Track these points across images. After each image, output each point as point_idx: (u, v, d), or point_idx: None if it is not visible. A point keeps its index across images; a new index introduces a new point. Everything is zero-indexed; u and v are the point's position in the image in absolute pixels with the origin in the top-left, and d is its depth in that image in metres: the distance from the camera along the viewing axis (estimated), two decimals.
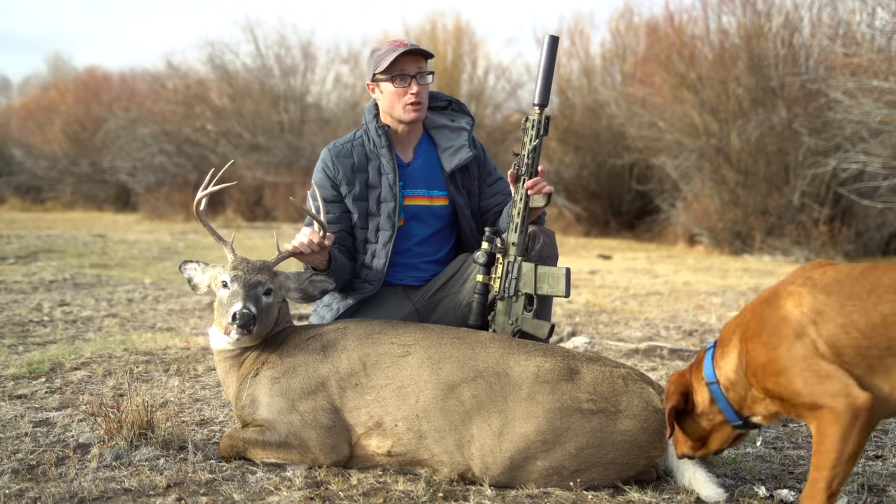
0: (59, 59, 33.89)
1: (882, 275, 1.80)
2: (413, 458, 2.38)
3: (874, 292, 1.78)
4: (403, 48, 2.79)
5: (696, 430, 2.14)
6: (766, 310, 1.91)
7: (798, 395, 1.81)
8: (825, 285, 1.85)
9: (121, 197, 20.19)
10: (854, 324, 1.77)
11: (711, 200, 11.82)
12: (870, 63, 9.31)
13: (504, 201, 2.97)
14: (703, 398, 2.09)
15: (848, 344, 1.77)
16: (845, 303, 1.80)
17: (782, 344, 1.83)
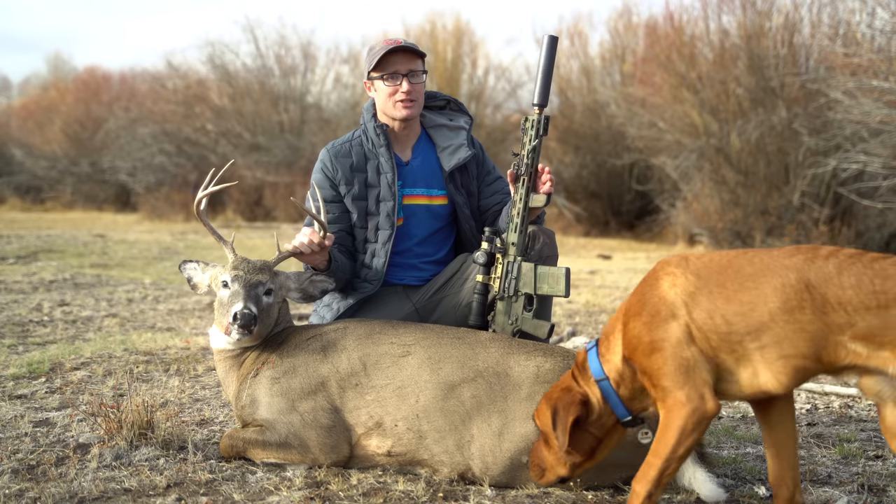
0: (59, 59, 33.89)
1: (746, 264, 1.85)
2: (413, 458, 2.38)
3: (737, 279, 1.83)
4: (392, 45, 2.81)
5: (585, 442, 2.03)
6: (646, 289, 1.94)
7: (662, 377, 1.85)
8: (698, 269, 1.89)
9: (121, 197, 20.19)
10: (718, 309, 1.81)
11: (711, 200, 11.82)
12: (870, 63, 9.31)
13: (503, 201, 2.97)
14: (596, 399, 2.00)
15: (713, 329, 1.82)
16: (713, 288, 1.84)
17: (659, 324, 1.86)
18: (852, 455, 2.66)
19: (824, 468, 2.53)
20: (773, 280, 1.78)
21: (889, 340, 1.70)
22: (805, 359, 1.76)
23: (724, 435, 2.88)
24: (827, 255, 1.79)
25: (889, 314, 1.70)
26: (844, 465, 2.58)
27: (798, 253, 1.82)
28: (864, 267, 1.75)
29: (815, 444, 2.79)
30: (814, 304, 1.74)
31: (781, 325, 1.76)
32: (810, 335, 1.74)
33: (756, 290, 1.79)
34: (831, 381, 3.79)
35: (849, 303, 1.73)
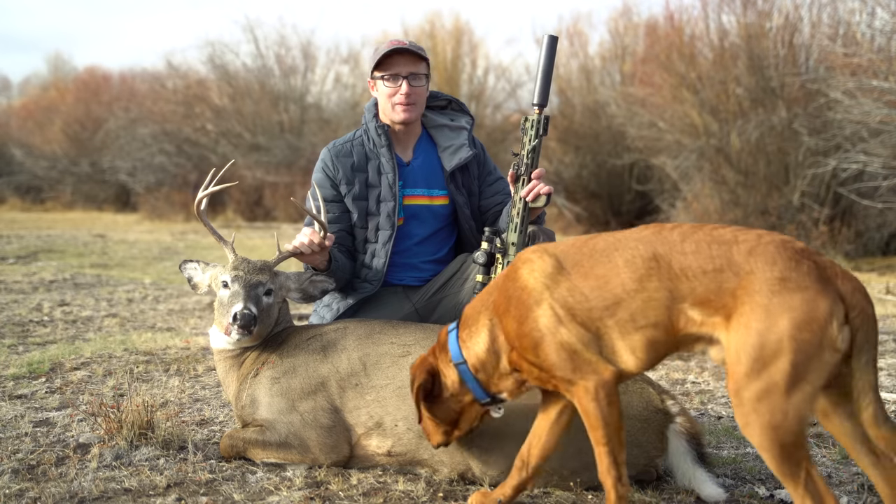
0: (59, 59, 33.89)
1: (600, 241, 1.92)
2: (413, 458, 2.38)
3: (592, 256, 1.90)
4: (396, 46, 2.80)
5: (447, 414, 2.14)
6: (508, 284, 1.98)
7: (553, 370, 1.90)
8: (555, 252, 1.95)
9: (121, 197, 20.19)
10: (576, 286, 1.88)
11: (711, 200, 11.81)
12: (870, 63, 9.31)
13: (504, 201, 2.97)
14: (453, 380, 2.09)
15: (574, 306, 1.87)
16: (570, 267, 1.90)
17: (528, 314, 1.91)
18: None
19: (824, 468, 2.53)
20: (625, 253, 1.86)
21: (722, 305, 1.76)
22: (657, 329, 1.82)
23: (724, 435, 2.88)
24: (672, 227, 1.88)
25: (722, 277, 1.76)
26: (844, 465, 2.58)
27: (647, 229, 1.90)
28: (705, 234, 1.82)
29: (815, 444, 2.79)
30: (660, 272, 1.81)
31: (633, 296, 1.82)
32: (659, 303, 1.81)
33: (609, 263, 1.87)
34: None
35: (689, 268, 1.79)
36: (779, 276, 1.71)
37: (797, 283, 1.70)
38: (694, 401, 3.40)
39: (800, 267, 1.72)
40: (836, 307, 1.69)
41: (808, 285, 1.70)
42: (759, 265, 1.73)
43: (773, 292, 1.70)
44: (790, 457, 1.69)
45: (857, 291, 1.74)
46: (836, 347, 1.68)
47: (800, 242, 1.81)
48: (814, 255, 1.77)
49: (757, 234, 1.80)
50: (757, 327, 1.69)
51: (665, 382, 3.72)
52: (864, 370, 1.73)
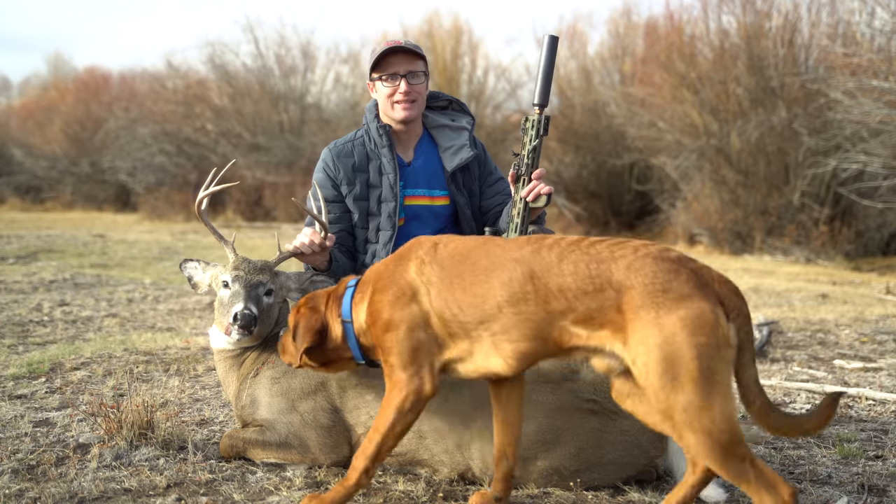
0: (59, 59, 33.89)
1: (482, 256, 1.95)
2: (413, 458, 2.38)
3: (472, 272, 1.93)
4: (391, 45, 2.80)
5: (323, 358, 2.20)
6: (396, 267, 2.03)
7: (391, 354, 1.97)
8: (443, 259, 1.99)
9: (121, 197, 20.20)
10: (455, 300, 1.92)
11: (711, 200, 11.82)
12: (870, 63, 9.31)
13: (505, 201, 2.97)
14: (337, 334, 2.14)
15: (449, 317, 1.92)
16: (453, 279, 1.94)
17: (401, 305, 1.96)
18: (852, 455, 2.66)
19: (824, 468, 2.53)
20: (502, 274, 1.89)
21: (607, 321, 1.79)
22: (531, 343, 1.86)
23: None
24: (551, 245, 1.90)
25: (604, 295, 1.80)
26: (844, 465, 2.58)
27: (527, 244, 1.93)
28: (582, 253, 1.86)
29: (815, 444, 2.79)
30: (537, 294, 1.84)
31: (508, 316, 1.86)
32: (535, 323, 1.84)
33: (487, 283, 1.90)
34: (831, 381, 3.79)
35: (568, 289, 1.82)
36: (660, 288, 1.76)
37: (679, 292, 1.75)
38: None
39: (679, 276, 1.78)
40: (717, 308, 1.76)
41: (690, 292, 1.76)
42: (639, 279, 1.78)
43: (658, 305, 1.75)
44: (732, 456, 1.74)
45: (732, 294, 1.81)
46: (730, 343, 1.76)
47: (675, 251, 1.86)
48: (689, 263, 1.83)
49: (633, 247, 1.84)
50: (655, 342, 1.73)
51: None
52: (746, 367, 1.80)
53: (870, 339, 4.92)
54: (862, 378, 3.87)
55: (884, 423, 3.07)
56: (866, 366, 4.12)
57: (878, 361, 4.26)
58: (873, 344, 4.78)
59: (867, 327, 5.32)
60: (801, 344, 4.77)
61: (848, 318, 5.72)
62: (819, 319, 5.63)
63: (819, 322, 5.52)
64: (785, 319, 5.59)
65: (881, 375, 3.93)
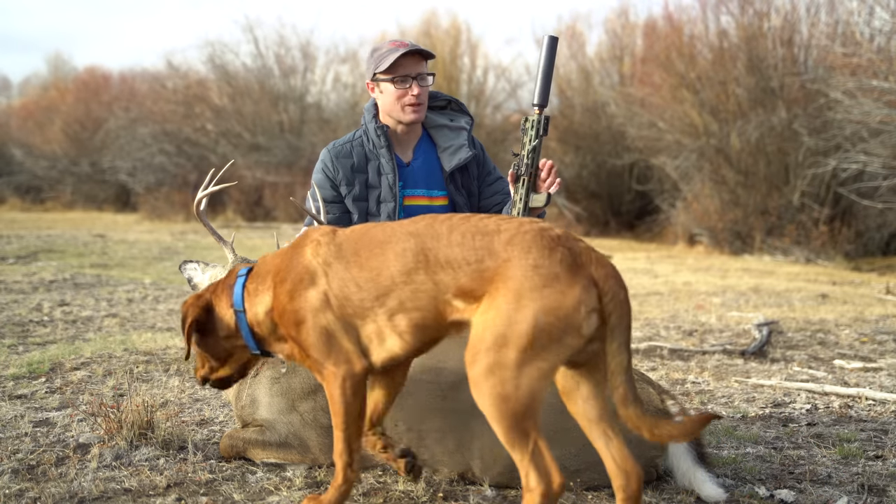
0: (59, 59, 33.89)
1: (379, 232, 1.96)
2: None
3: (368, 247, 1.94)
4: (405, 48, 2.79)
5: (217, 350, 2.17)
6: (293, 256, 2.02)
7: (310, 349, 1.96)
8: (340, 240, 1.99)
9: (121, 197, 20.20)
10: (353, 277, 1.92)
11: (711, 200, 11.82)
12: (869, 63, 9.32)
13: (503, 201, 2.97)
14: (228, 322, 2.12)
15: (348, 296, 1.92)
16: (350, 257, 1.95)
17: (301, 293, 1.96)
18: (852, 455, 2.66)
19: (824, 468, 2.53)
20: (396, 246, 1.91)
21: (483, 293, 1.81)
22: (423, 315, 1.87)
23: (724, 435, 2.88)
24: (444, 219, 1.92)
25: (483, 266, 1.81)
26: (844, 465, 2.58)
27: (423, 220, 1.94)
28: (471, 225, 1.87)
29: (815, 444, 2.79)
30: (427, 265, 1.87)
31: (402, 287, 1.88)
32: (425, 294, 1.86)
33: (382, 255, 1.91)
34: (831, 380, 3.79)
35: (454, 259, 1.84)
36: (532, 263, 1.77)
37: (549, 270, 1.77)
38: (694, 401, 3.40)
39: (553, 254, 1.78)
40: (585, 294, 1.76)
41: (560, 272, 1.77)
42: (516, 253, 1.79)
43: (525, 278, 1.76)
44: (518, 426, 1.75)
45: (610, 277, 1.81)
46: (580, 333, 1.76)
47: (559, 230, 1.87)
48: (570, 243, 1.83)
49: (519, 222, 1.86)
50: (505, 308, 1.75)
51: (665, 382, 3.72)
52: (616, 352, 1.80)
53: (870, 339, 4.92)
54: (862, 378, 3.87)
55: (884, 423, 3.07)
56: (866, 366, 4.12)
57: (878, 361, 4.26)
58: (873, 344, 4.78)
59: (867, 327, 5.32)
60: (801, 344, 4.77)
61: (848, 318, 5.72)
62: (819, 319, 5.63)
63: (819, 322, 5.52)
64: (785, 319, 5.59)
65: (881, 375, 3.93)
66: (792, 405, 3.37)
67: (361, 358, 1.94)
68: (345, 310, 1.93)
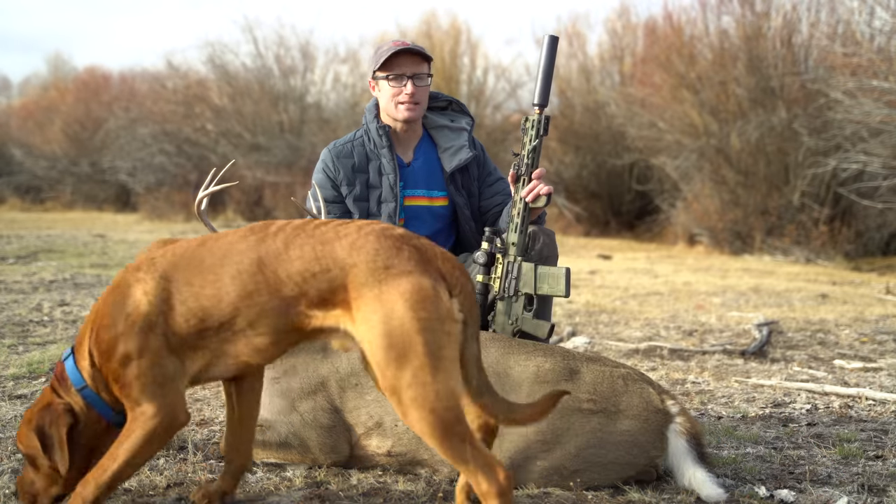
0: (59, 59, 33.89)
1: (207, 255, 1.87)
2: (413, 458, 2.38)
3: (200, 274, 1.86)
4: (400, 46, 2.81)
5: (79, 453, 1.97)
6: (117, 298, 1.89)
7: (133, 389, 1.85)
8: (165, 270, 1.88)
9: (121, 197, 20.21)
10: (190, 309, 1.84)
11: (711, 200, 11.82)
12: (869, 63, 9.32)
13: (504, 201, 2.97)
14: (80, 407, 1.94)
15: (190, 328, 1.85)
16: (182, 288, 1.86)
17: (135, 335, 1.85)
18: (852, 455, 2.66)
19: (824, 468, 2.53)
20: (230, 269, 1.84)
21: (338, 300, 1.79)
22: (274, 334, 1.84)
23: (724, 435, 2.88)
24: (276, 232, 1.86)
25: (331, 275, 1.79)
26: (844, 465, 2.58)
27: (251, 234, 1.87)
28: (308, 236, 1.83)
29: (815, 444, 2.79)
30: (268, 284, 1.82)
31: (246, 311, 1.83)
32: (273, 312, 1.82)
33: (218, 282, 1.84)
34: (831, 380, 3.79)
35: (297, 274, 1.80)
36: (382, 265, 1.77)
37: (401, 269, 1.76)
38: (694, 401, 3.40)
39: (401, 253, 1.78)
40: (439, 283, 1.77)
41: (411, 268, 1.76)
42: (362, 257, 1.78)
43: (380, 281, 1.75)
44: (453, 435, 1.73)
45: (455, 269, 1.82)
46: (454, 318, 1.77)
47: (399, 229, 1.86)
48: (413, 240, 1.83)
49: (357, 226, 1.85)
50: (377, 318, 1.74)
51: (665, 382, 3.72)
52: (467, 343, 1.81)
53: (870, 339, 4.92)
54: (862, 378, 3.87)
55: (884, 423, 3.07)
56: (866, 366, 4.12)
57: (878, 361, 4.26)
58: (873, 344, 4.78)
59: (867, 327, 5.32)
60: (801, 344, 4.77)
61: (848, 318, 5.72)
62: (819, 319, 5.63)
63: (819, 322, 5.52)
64: (785, 319, 5.59)
65: (881, 375, 3.93)
66: (792, 405, 3.37)
67: (186, 411, 1.89)
68: (187, 341, 1.85)
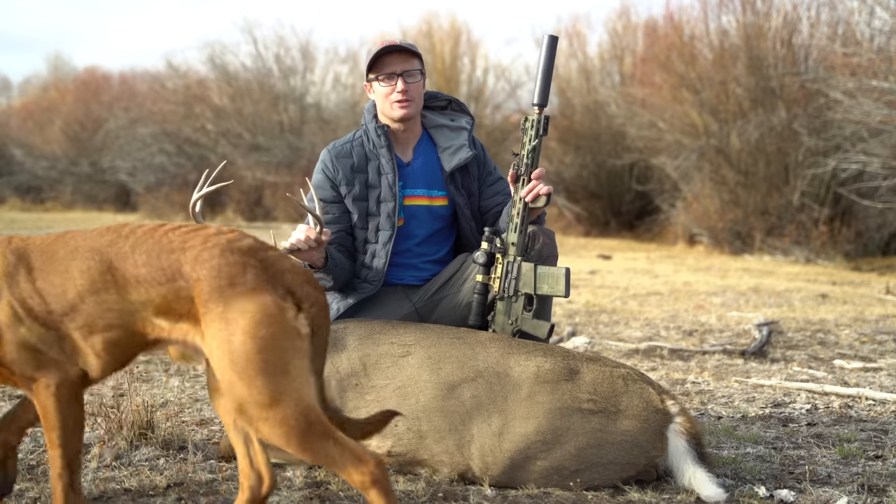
0: (59, 59, 33.86)
1: (62, 246, 1.87)
2: (413, 458, 2.38)
3: (52, 262, 1.85)
4: (387, 45, 2.81)
5: None
6: None
7: (14, 366, 1.86)
8: (19, 249, 1.88)
9: (121, 197, 20.22)
10: (36, 290, 1.84)
11: (711, 200, 11.83)
12: (869, 63, 9.32)
13: (504, 201, 2.97)
14: None
15: (33, 309, 1.84)
16: (32, 269, 1.86)
17: None
18: (852, 455, 2.66)
19: (824, 468, 2.53)
20: (81, 263, 1.83)
21: (185, 313, 1.78)
22: (120, 335, 1.82)
23: (724, 435, 2.88)
24: (128, 234, 1.85)
25: (177, 286, 1.78)
26: (844, 465, 2.58)
27: (107, 234, 1.87)
28: (155, 242, 1.82)
29: (815, 444, 2.79)
30: (116, 284, 1.81)
31: (91, 306, 1.81)
32: (119, 312, 1.81)
33: (67, 272, 1.84)
34: (831, 380, 3.79)
35: (144, 279, 1.79)
36: (226, 281, 1.75)
37: (244, 286, 1.75)
38: (694, 401, 3.40)
39: (245, 269, 1.77)
40: (285, 299, 1.76)
41: (256, 285, 1.75)
42: (206, 273, 1.76)
43: (224, 299, 1.74)
44: (312, 440, 1.72)
45: (305, 283, 1.81)
46: (300, 334, 1.76)
47: (248, 239, 1.84)
48: (261, 253, 1.81)
49: (204, 237, 1.82)
50: (222, 337, 1.73)
51: (665, 382, 3.72)
52: (316, 356, 1.80)
53: (870, 339, 4.92)
54: (862, 378, 3.87)
55: (884, 423, 3.07)
56: (866, 366, 4.12)
57: (878, 361, 4.26)
58: (873, 344, 4.78)
59: (867, 327, 5.32)
60: (801, 344, 4.77)
61: (848, 318, 5.72)
62: (819, 319, 5.63)
63: (819, 322, 5.52)
64: (785, 319, 5.59)
65: (881, 375, 3.93)
66: (792, 405, 3.37)
67: (75, 364, 1.85)
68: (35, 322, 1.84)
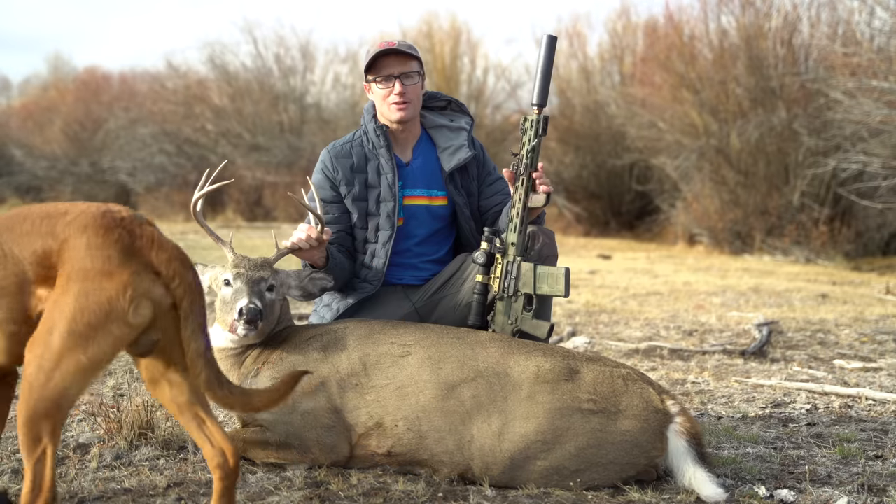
0: (59, 59, 33.80)
1: None
2: (413, 458, 2.38)
3: None
4: (385, 47, 2.81)
5: None
6: None
7: None
8: None
9: (121, 197, 20.19)
10: None
11: (711, 200, 11.83)
12: (869, 63, 9.32)
13: (504, 201, 2.97)
14: None
15: None
16: None
17: None
18: (852, 455, 2.66)
19: (824, 468, 2.53)
20: None
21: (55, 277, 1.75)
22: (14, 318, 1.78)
23: (724, 435, 2.88)
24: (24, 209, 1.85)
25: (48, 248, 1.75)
26: (844, 465, 2.58)
27: (6, 214, 1.85)
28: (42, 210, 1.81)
29: (815, 444, 2.79)
30: (6, 259, 1.78)
31: None
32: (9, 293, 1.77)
33: None
34: (831, 380, 3.79)
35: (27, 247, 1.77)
36: (85, 243, 1.74)
37: (101, 252, 1.73)
38: (694, 401, 3.40)
39: (109, 235, 1.75)
40: (135, 279, 1.73)
41: (112, 254, 1.73)
42: (72, 232, 1.76)
43: (76, 258, 1.73)
44: (34, 426, 1.69)
45: (173, 261, 1.78)
46: (126, 321, 1.72)
47: (127, 212, 1.83)
48: (132, 226, 1.79)
49: (88, 204, 1.82)
50: (57, 292, 1.72)
51: (665, 382, 3.72)
52: (192, 338, 1.77)
53: (870, 339, 4.92)
54: (862, 378, 3.87)
55: (884, 423, 3.07)
56: (866, 366, 4.12)
57: (878, 361, 4.26)
58: (873, 344, 4.78)
59: (867, 327, 5.32)
60: (801, 344, 4.77)
61: (848, 318, 5.72)
62: (819, 319, 5.63)
63: (819, 322, 5.52)
64: (785, 319, 5.59)
65: (881, 375, 3.93)
66: (792, 405, 3.37)
67: None
68: None
